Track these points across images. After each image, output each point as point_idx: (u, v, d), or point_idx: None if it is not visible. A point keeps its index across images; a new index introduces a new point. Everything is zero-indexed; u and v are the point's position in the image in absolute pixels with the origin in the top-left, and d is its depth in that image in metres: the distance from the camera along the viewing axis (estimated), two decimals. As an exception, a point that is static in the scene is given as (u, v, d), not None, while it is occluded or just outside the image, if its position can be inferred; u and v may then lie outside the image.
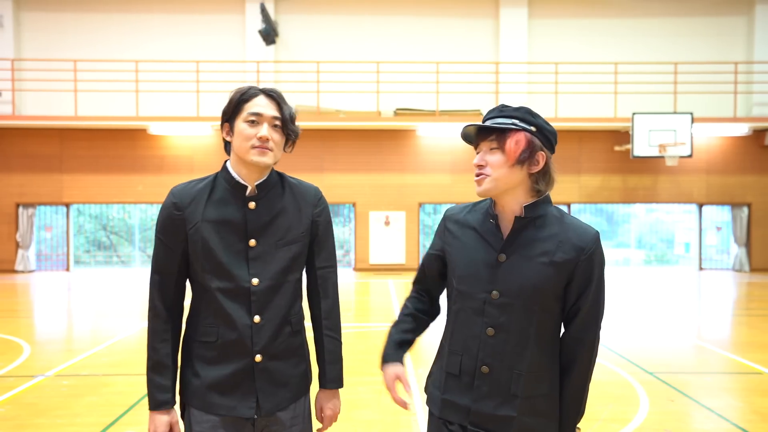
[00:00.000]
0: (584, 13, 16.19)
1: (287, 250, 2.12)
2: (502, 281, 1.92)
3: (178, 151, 15.65)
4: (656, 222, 18.40)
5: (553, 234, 1.93)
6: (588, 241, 1.92)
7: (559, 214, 1.98)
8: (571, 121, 15.33)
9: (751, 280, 14.47)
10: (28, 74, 15.77)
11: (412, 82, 15.50)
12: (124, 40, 15.88)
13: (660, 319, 9.37)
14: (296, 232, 2.14)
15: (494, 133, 1.94)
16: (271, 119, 2.08)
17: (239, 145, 2.08)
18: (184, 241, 2.08)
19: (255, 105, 2.07)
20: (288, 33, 16.06)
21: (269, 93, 2.10)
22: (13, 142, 15.52)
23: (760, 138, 15.79)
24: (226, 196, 2.10)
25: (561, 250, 1.90)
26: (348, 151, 15.82)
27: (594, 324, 1.95)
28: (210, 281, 2.06)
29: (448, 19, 16.14)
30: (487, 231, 1.99)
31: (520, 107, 1.96)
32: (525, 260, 1.91)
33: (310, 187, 2.24)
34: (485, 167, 1.94)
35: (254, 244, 2.08)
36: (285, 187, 2.18)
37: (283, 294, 2.12)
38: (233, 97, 2.10)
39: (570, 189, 16.06)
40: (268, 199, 2.13)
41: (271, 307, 2.09)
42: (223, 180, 2.13)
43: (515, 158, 1.90)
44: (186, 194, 2.10)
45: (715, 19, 16.19)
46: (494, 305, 1.93)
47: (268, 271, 2.09)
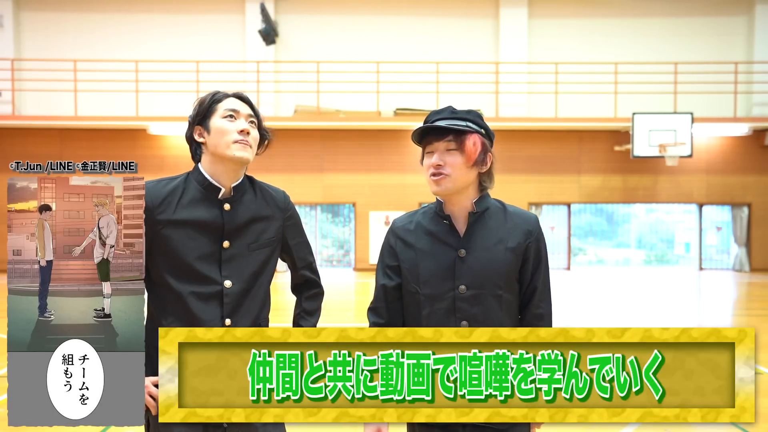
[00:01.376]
0: (584, 13, 16.18)
1: (259, 253, 2.13)
2: (468, 275, 2.02)
3: (178, 151, 15.64)
4: (656, 222, 18.39)
5: (501, 223, 2.08)
6: (533, 225, 2.10)
7: (500, 205, 2.13)
8: (571, 121, 15.33)
9: (752, 280, 14.47)
10: (28, 74, 15.77)
11: (412, 82, 15.49)
12: (124, 40, 15.88)
13: (660, 319, 9.36)
14: (268, 236, 2.16)
15: (451, 134, 2.03)
16: (247, 116, 2.12)
17: (218, 142, 2.07)
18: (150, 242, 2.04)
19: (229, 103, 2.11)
20: (288, 33, 16.05)
21: (239, 95, 2.15)
22: (13, 142, 15.52)
23: (760, 138, 15.79)
24: (199, 197, 2.09)
25: (512, 236, 2.06)
26: (348, 151, 15.82)
27: (549, 297, 2.14)
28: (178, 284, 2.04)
29: (448, 19, 16.14)
30: (442, 231, 2.07)
31: (470, 110, 2.09)
32: (484, 251, 2.04)
33: (279, 192, 2.26)
34: (443, 167, 2.04)
35: (228, 246, 2.08)
36: (256, 190, 2.19)
37: (253, 297, 2.12)
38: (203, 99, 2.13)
39: (570, 189, 16.06)
40: (243, 202, 2.13)
41: (243, 309, 2.10)
42: (195, 181, 2.11)
43: (474, 159, 2.03)
44: (156, 193, 2.07)
45: (715, 19, 16.18)
46: (464, 299, 2.01)
47: (241, 273, 2.09)
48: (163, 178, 2.14)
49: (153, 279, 2.09)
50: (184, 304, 2.04)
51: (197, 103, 2.15)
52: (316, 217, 16.71)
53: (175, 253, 2.05)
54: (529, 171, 15.53)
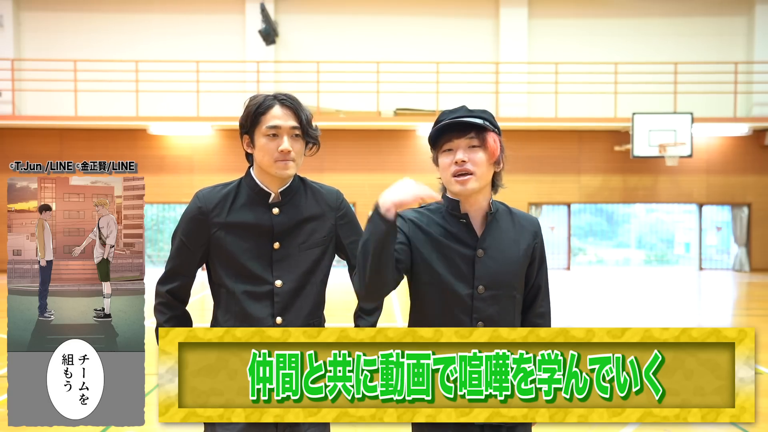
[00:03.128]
0: (584, 13, 16.18)
1: (310, 253, 2.17)
2: (486, 275, 2.01)
3: (178, 151, 15.64)
4: (656, 222, 18.39)
5: (510, 224, 2.09)
6: (537, 226, 2.13)
7: (505, 207, 2.13)
8: (571, 121, 15.33)
9: (751, 280, 14.47)
10: (28, 74, 15.76)
11: (412, 82, 15.49)
12: (124, 40, 15.87)
13: (660, 319, 9.36)
14: (319, 236, 2.20)
15: (473, 131, 1.99)
16: (290, 130, 2.12)
17: (262, 160, 2.12)
18: (206, 245, 2.13)
19: (272, 117, 2.10)
20: (288, 33, 16.05)
21: (284, 101, 2.13)
22: (13, 142, 15.51)
23: (760, 138, 15.78)
24: (251, 201, 2.15)
25: (522, 237, 2.08)
26: (348, 151, 15.81)
27: (548, 296, 2.17)
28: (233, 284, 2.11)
29: (448, 19, 16.14)
30: (459, 231, 2.04)
31: (484, 110, 2.06)
32: (500, 252, 2.03)
33: (332, 191, 2.30)
34: (467, 163, 1.98)
35: (278, 247, 2.13)
36: (308, 191, 2.23)
37: (305, 296, 2.16)
38: (249, 109, 2.13)
39: (570, 189, 16.06)
40: (293, 204, 2.18)
41: (294, 308, 2.14)
42: (247, 186, 2.17)
43: (496, 156, 2.03)
44: (211, 198, 2.15)
45: (715, 19, 16.18)
46: (482, 299, 2.00)
47: (292, 273, 2.14)
48: (218, 184, 2.21)
49: (214, 280, 2.19)
50: (238, 303, 2.11)
51: (245, 111, 2.15)
52: (316, 217, 16.70)
53: (228, 254, 2.11)
54: (529, 171, 15.52)
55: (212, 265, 2.17)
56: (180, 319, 2.15)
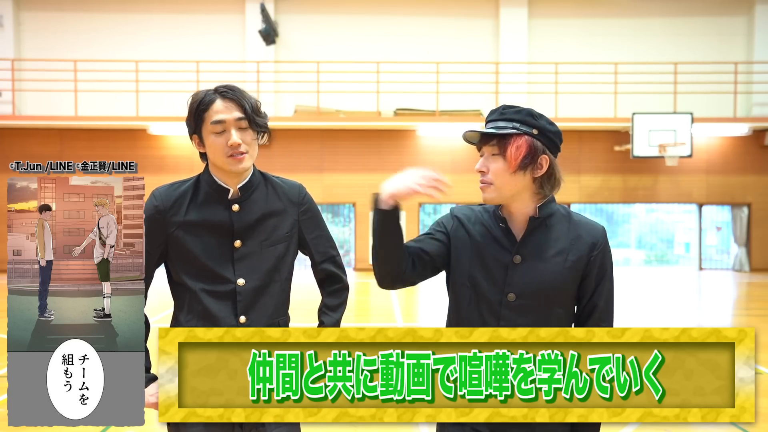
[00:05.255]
0: (584, 13, 16.18)
1: (273, 251, 2.13)
2: (519, 283, 1.92)
3: (178, 151, 15.64)
4: (656, 222, 18.39)
5: (564, 232, 1.95)
6: (598, 237, 1.96)
7: (565, 212, 1.99)
8: (571, 121, 15.32)
9: (751, 280, 14.47)
10: (28, 74, 15.77)
11: (412, 82, 15.49)
12: (124, 40, 15.88)
13: (660, 319, 9.36)
14: (281, 233, 2.15)
15: (495, 138, 1.90)
16: (236, 122, 2.05)
17: (214, 157, 2.07)
18: (164, 245, 2.09)
19: (215, 112, 2.04)
20: (288, 33, 16.05)
21: (225, 94, 2.06)
22: (13, 142, 15.51)
23: (760, 138, 15.78)
24: (210, 198, 2.11)
25: (575, 248, 1.93)
26: (348, 151, 15.81)
27: (610, 316, 1.98)
28: (194, 283, 2.07)
29: (448, 19, 16.14)
30: (499, 233, 1.96)
31: (521, 109, 1.91)
32: (541, 261, 1.92)
33: (294, 185, 2.23)
34: (487, 174, 1.91)
35: (239, 245, 2.09)
36: (268, 186, 2.18)
37: (269, 295, 2.13)
38: (191, 107, 2.08)
39: (570, 189, 16.05)
40: (252, 200, 2.12)
41: (258, 307, 2.10)
42: (206, 183, 2.13)
43: (516, 165, 1.88)
44: (168, 196, 2.12)
45: (715, 19, 16.18)
46: (511, 307, 1.92)
47: (255, 271, 2.10)
48: (175, 181, 2.18)
49: (173, 278, 2.14)
50: (200, 302, 2.07)
51: (188, 111, 2.09)
52: (316, 217, 16.71)
53: (188, 254, 2.08)
54: (529, 171, 15.52)
55: (172, 265, 2.12)
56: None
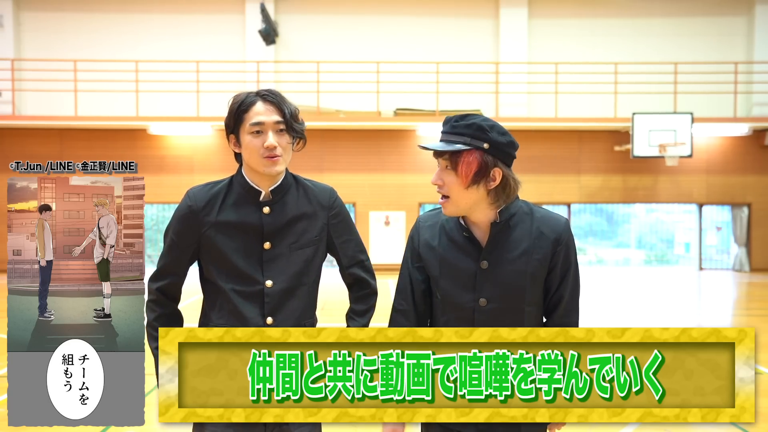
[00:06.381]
0: (584, 13, 16.18)
1: (301, 254, 2.14)
2: (489, 288, 1.95)
3: (178, 151, 15.64)
4: (656, 222, 18.39)
5: (527, 231, 1.97)
6: (561, 231, 1.98)
7: (527, 209, 2.00)
8: (571, 121, 15.32)
9: (751, 280, 14.47)
10: (28, 74, 15.76)
11: (412, 82, 15.49)
12: (124, 40, 15.87)
13: (660, 319, 9.36)
14: (310, 236, 2.16)
15: (447, 152, 1.91)
16: (274, 125, 2.07)
17: (249, 158, 2.09)
18: (196, 243, 2.11)
19: (255, 114, 2.06)
20: (288, 33, 16.05)
21: (266, 97, 2.08)
22: (13, 142, 15.51)
23: (760, 138, 15.78)
24: (242, 200, 2.13)
25: (538, 245, 1.96)
26: (348, 151, 15.81)
27: (576, 308, 2.03)
28: (224, 282, 2.09)
29: (448, 19, 16.14)
30: (463, 242, 1.99)
31: (471, 123, 1.90)
32: (507, 263, 1.95)
33: (325, 189, 2.26)
34: (443, 187, 1.93)
35: (269, 247, 2.11)
36: (299, 189, 2.21)
37: (297, 297, 2.14)
38: (232, 108, 2.09)
39: (570, 189, 16.05)
40: (284, 203, 2.15)
41: (285, 309, 2.12)
42: (238, 184, 2.15)
43: (468, 181, 1.89)
44: (202, 196, 2.12)
45: (715, 19, 16.18)
46: (484, 312, 1.95)
47: (283, 273, 2.11)
48: (210, 182, 2.18)
49: (205, 277, 2.17)
50: (230, 301, 2.09)
51: (228, 111, 2.10)
52: (316, 217, 16.71)
53: (219, 253, 2.09)
54: (528, 171, 15.50)
55: (204, 263, 2.15)
56: (170, 317, 2.13)
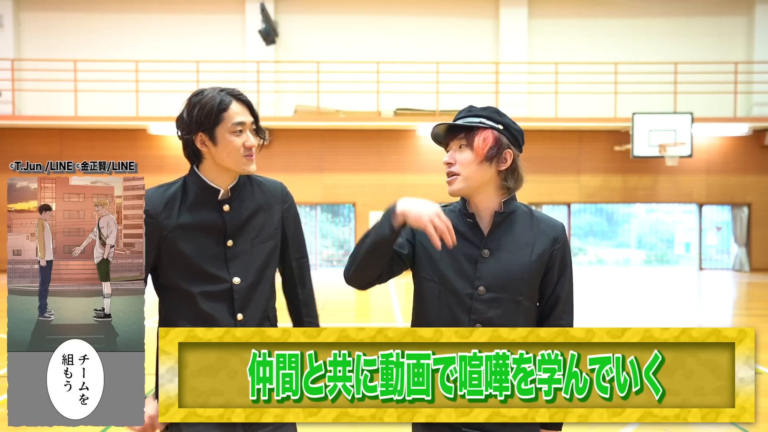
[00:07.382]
0: (584, 13, 16.18)
1: (263, 248, 2.18)
2: (488, 276, 1.98)
3: (178, 151, 15.47)
4: (656, 222, 18.39)
5: (527, 227, 2.03)
6: (559, 232, 2.05)
7: (527, 210, 2.09)
8: (571, 121, 15.33)
9: (751, 280, 14.47)
10: (28, 74, 15.77)
11: (412, 82, 15.49)
12: (124, 40, 15.88)
13: (660, 319, 9.36)
14: (270, 230, 2.20)
15: (463, 132, 2.00)
16: (250, 125, 2.12)
17: (226, 157, 2.10)
18: (156, 248, 2.10)
19: (235, 114, 2.09)
20: (288, 33, 16.05)
21: (240, 97, 2.12)
22: (13, 142, 15.51)
23: (760, 138, 15.79)
24: (199, 200, 2.14)
25: (538, 242, 2.01)
26: (348, 151, 15.81)
27: (571, 309, 2.08)
28: (189, 286, 2.09)
29: (448, 19, 16.14)
30: (466, 229, 2.02)
31: (487, 107, 2.03)
32: (509, 254, 1.99)
33: (276, 184, 2.29)
34: (454, 165, 2.00)
35: (232, 245, 2.12)
36: (253, 185, 2.22)
37: (262, 290, 2.17)
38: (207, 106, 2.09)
39: (570, 189, 16.06)
40: (241, 199, 2.17)
41: (252, 303, 2.15)
42: (194, 185, 2.16)
43: (483, 155, 1.97)
44: (158, 200, 2.13)
45: (715, 19, 16.18)
46: (481, 301, 1.97)
47: (248, 269, 2.14)
48: (162, 184, 2.19)
49: (163, 283, 2.15)
50: (195, 304, 2.09)
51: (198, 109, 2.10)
52: (316, 217, 16.70)
53: (182, 256, 2.09)
54: (528, 171, 15.25)
55: (163, 269, 2.13)
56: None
